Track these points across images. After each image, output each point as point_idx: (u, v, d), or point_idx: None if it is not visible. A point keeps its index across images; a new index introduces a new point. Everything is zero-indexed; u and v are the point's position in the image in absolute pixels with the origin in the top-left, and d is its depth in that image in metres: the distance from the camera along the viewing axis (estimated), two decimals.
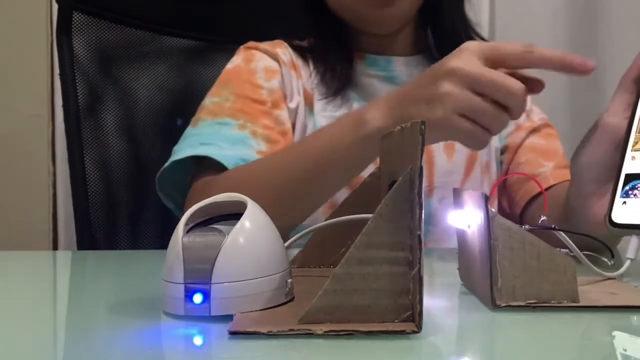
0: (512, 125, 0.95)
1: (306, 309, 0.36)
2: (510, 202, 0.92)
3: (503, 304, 0.41)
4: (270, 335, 0.35)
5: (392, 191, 0.37)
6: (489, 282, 0.41)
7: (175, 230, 0.41)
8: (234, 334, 0.35)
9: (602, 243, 0.50)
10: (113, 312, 0.42)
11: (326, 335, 0.35)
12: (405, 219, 0.37)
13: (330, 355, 0.33)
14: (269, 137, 0.84)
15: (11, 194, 1.42)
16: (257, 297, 0.39)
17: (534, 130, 0.95)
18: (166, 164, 0.82)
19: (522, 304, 0.41)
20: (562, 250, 0.49)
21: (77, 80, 0.97)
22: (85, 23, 0.99)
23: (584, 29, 1.57)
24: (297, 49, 0.94)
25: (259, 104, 0.86)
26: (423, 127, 0.35)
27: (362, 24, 0.91)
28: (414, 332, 0.35)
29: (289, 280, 0.42)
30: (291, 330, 0.35)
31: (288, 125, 0.87)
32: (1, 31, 1.42)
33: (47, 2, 1.41)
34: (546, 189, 0.85)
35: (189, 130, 0.85)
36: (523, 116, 0.95)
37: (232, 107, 0.85)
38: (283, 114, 0.87)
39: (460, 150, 0.90)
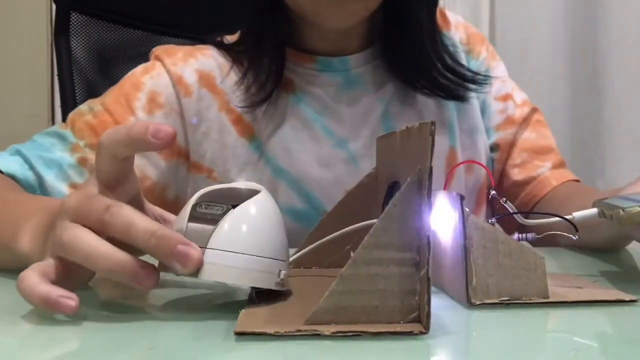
0: (500, 116, 0.87)
1: (313, 310, 0.36)
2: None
3: (478, 302, 0.42)
4: (277, 336, 0.35)
5: (401, 192, 0.37)
6: (464, 281, 0.42)
7: (188, 202, 0.41)
8: (240, 334, 0.35)
9: (566, 220, 0.50)
10: (113, 312, 0.42)
11: (333, 336, 0.35)
12: (413, 220, 0.37)
13: (338, 356, 0.33)
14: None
15: None
16: (245, 273, 0.39)
17: (525, 122, 0.87)
18: None
19: (496, 301, 0.42)
20: (524, 241, 0.49)
21: (75, 80, 0.97)
22: (83, 23, 0.99)
23: (584, 29, 1.57)
24: (230, 49, 0.82)
25: None
26: (433, 127, 0.35)
27: (318, 19, 0.77)
28: (422, 333, 0.35)
29: (284, 272, 0.41)
30: (298, 330, 0.35)
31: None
32: (1, 31, 1.41)
33: (47, 2, 1.41)
34: (549, 191, 0.83)
35: (35, 135, 0.75)
36: (511, 104, 0.87)
37: (88, 123, 0.74)
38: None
39: (437, 158, 0.83)
